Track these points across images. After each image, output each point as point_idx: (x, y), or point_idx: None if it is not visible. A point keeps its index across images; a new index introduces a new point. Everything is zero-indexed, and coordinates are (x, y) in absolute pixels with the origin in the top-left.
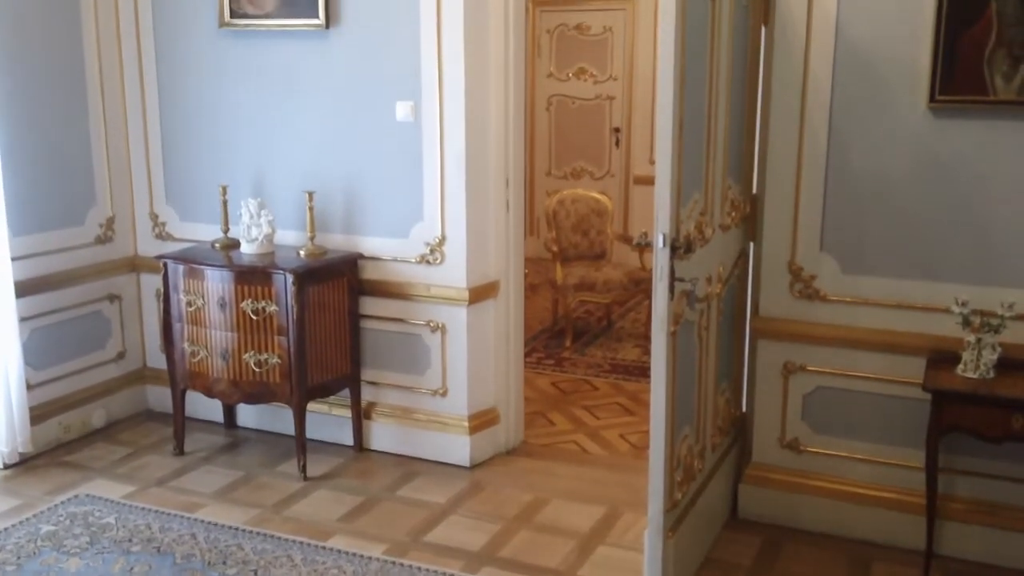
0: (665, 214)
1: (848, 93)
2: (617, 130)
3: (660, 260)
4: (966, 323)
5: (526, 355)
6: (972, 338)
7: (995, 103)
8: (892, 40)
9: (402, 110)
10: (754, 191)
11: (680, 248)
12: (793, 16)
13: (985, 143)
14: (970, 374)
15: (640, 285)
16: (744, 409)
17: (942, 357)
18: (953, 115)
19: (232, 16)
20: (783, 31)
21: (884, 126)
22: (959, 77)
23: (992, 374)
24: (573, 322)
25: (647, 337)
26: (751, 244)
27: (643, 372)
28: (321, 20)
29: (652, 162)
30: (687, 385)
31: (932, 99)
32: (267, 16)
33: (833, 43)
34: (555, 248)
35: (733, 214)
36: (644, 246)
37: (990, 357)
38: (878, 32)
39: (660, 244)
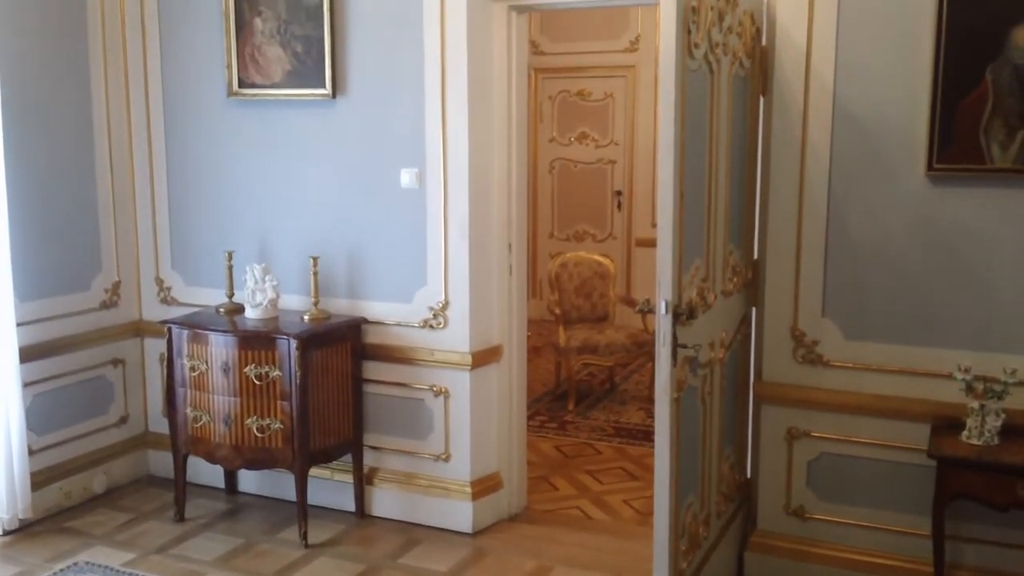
0: (667, 281)
1: (847, 160)
2: (619, 193)
3: (663, 326)
4: (969, 389)
5: (529, 418)
6: (975, 404)
7: (993, 171)
8: (889, 109)
9: (407, 177)
10: (755, 256)
11: (682, 314)
12: (791, 86)
13: (984, 210)
14: (974, 441)
15: (643, 347)
16: (749, 475)
17: (947, 423)
18: (951, 182)
19: (241, 86)
20: (781, 101)
21: (883, 193)
22: (956, 145)
23: (996, 440)
24: (576, 385)
25: (650, 400)
26: (753, 309)
27: (647, 436)
28: (328, 90)
29: (654, 224)
30: (691, 452)
31: (930, 167)
32: (275, 86)
33: (831, 112)
34: (558, 311)
35: (735, 279)
36: (647, 312)
37: (994, 423)
38: (875, 102)
39: (662, 310)
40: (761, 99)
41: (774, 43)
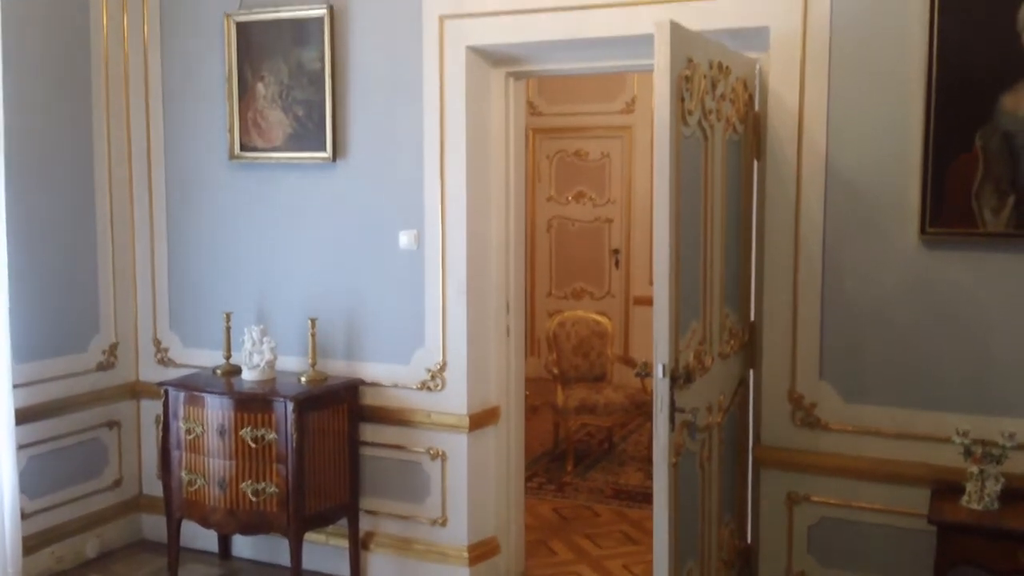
0: (664, 344)
1: (840, 223)
2: (616, 251)
3: (660, 391)
4: (968, 453)
5: (527, 479)
6: (975, 469)
7: (985, 235)
8: (881, 174)
9: (405, 238)
10: (752, 319)
11: (680, 378)
12: (784, 151)
13: (978, 273)
14: (974, 505)
15: (641, 407)
16: (749, 541)
17: (946, 487)
18: (945, 246)
19: (242, 149)
20: (775, 164)
21: (878, 256)
22: (948, 209)
23: (996, 505)
24: (574, 445)
25: (649, 461)
26: (751, 372)
27: (646, 498)
28: (328, 153)
29: (651, 283)
30: (690, 518)
31: (923, 231)
32: (276, 149)
33: (824, 176)
34: (556, 370)
35: (732, 342)
36: (644, 376)
37: (994, 488)
38: (868, 166)
39: (660, 375)
40: (755, 163)
41: (767, 108)
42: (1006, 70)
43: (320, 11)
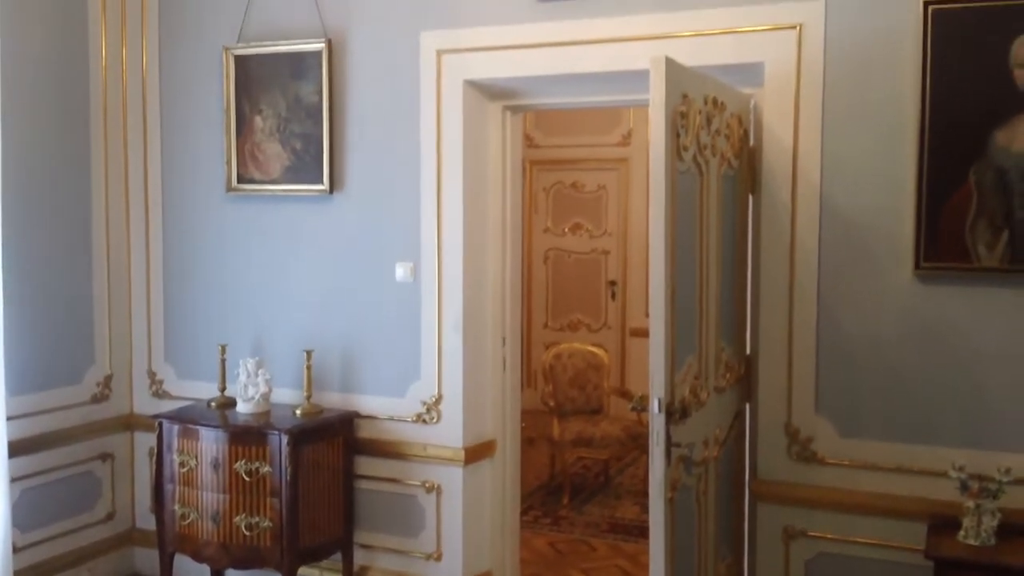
0: (660, 379)
1: (835, 258)
2: (613, 283)
3: (656, 426)
4: (964, 488)
5: (522, 513)
6: (971, 504)
7: (980, 270)
8: (876, 208)
9: (401, 271)
10: (747, 352)
11: (676, 413)
12: (779, 185)
13: (973, 309)
14: (971, 541)
15: (638, 440)
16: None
17: (943, 522)
18: (939, 281)
19: (239, 181)
20: (770, 199)
21: (872, 290)
22: (943, 245)
23: (993, 541)
24: (571, 478)
25: (646, 494)
26: (747, 405)
27: (642, 532)
28: (325, 185)
29: (648, 315)
30: (686, 553)
31: (917, 266)
32: (273, 182)
33: (818, 211)
34: (552, 403)
35: (727, 376)
36: (640, 411)
37: (990, 523)
38: (862, 200)
39: (656, 409)
40: (750, 197)
41: (761, 144)
42: (999, 105)
43: (319, 45)
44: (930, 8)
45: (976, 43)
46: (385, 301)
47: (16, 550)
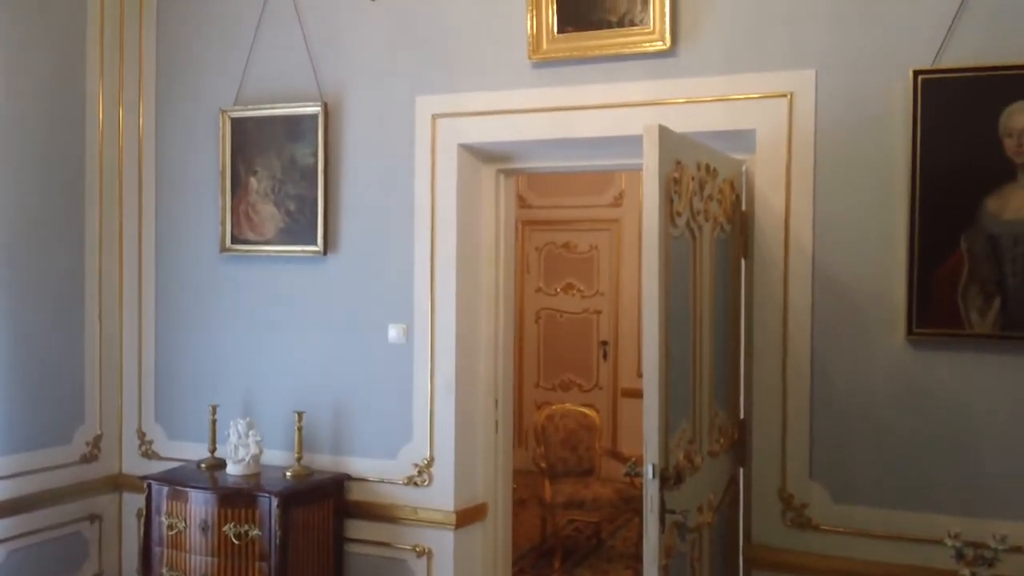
0: (654, 445)
1: (828, 322)
2: (604, 343)
3: (650, 492)
4: (959, 556)
5: None
6: (967, 572)
7: (972, 336)
8: (867, 273)
9: (394, 332)
10: (741, 416)
11: (670, 479)
12: (771, 249)
13: (966, 374)
14: None
15: (630, 503)
16: None
17: None
18: (932, 346)
19: (233, 242)
20: (762, 263)
21: (865, 355)
22: (935, 310)
23: None
24: (562, 541)
25: (638, 558)
26: (740, 470)
27: None
28: (319, 247)
29: (640, 375)
30: None
31: (910, 331)
32: (267, 242)
33: (811, 275)
34: (544, 464)
35: (721, 440)
36: (634, 476)
37: None
38: (854, 266)
39: (649, 475)
40: (743, 261)
41: (753, 208)
42: (990, 173)
43: (315, 108)
44: (919, 77)
45: (965, 112)
46: (377, 362)
47: None
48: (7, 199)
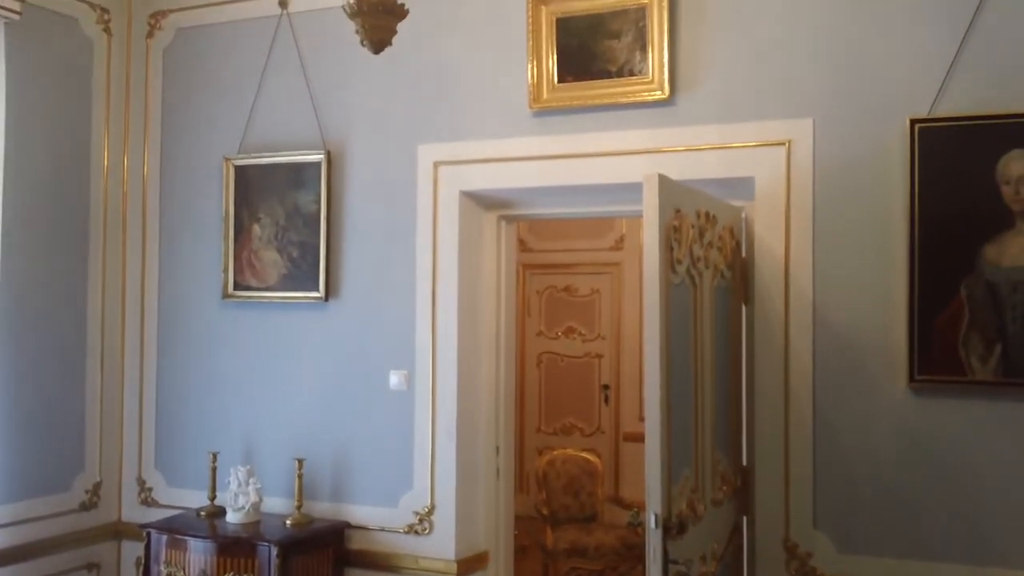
0: (656, 494)
1: (829, 369)
2: (606, 387)
3: (652, 541)
4: None
5: None
6: None
7: (974, 383)
8: (868, 321)
9: (395, 378)
10: (744, 463)
11: (673, 528)
12: (771, 296)
13: (968, 422)
14: None
15: (633, 550)
16: None
17: None
18: (934, 394)
19: (235, 288)
20: (763, 309)
21: (867, 402)
22: (936, 358)
23: None
24: None
25: None
26: (744, 519)
27: None
28: (321, 293)
29: (641, 419)
30: None
31: (911, 379)
32: (269, 289)
33: (811, 322)
34: (545, 511)
35: (724, 488)
36: (636, 526)
37: None
38: (854, 313)
39: (652, 525)
40: (743, 308)
41: (753, 255)
42: (988, 221)
43: (318, 156)
44: (916, 126)
45: (963, 160)
46: (378, 409)
47: None
48: (11, 245)
